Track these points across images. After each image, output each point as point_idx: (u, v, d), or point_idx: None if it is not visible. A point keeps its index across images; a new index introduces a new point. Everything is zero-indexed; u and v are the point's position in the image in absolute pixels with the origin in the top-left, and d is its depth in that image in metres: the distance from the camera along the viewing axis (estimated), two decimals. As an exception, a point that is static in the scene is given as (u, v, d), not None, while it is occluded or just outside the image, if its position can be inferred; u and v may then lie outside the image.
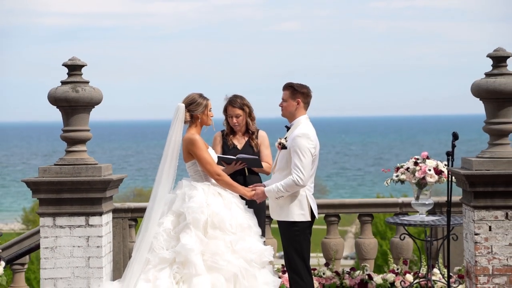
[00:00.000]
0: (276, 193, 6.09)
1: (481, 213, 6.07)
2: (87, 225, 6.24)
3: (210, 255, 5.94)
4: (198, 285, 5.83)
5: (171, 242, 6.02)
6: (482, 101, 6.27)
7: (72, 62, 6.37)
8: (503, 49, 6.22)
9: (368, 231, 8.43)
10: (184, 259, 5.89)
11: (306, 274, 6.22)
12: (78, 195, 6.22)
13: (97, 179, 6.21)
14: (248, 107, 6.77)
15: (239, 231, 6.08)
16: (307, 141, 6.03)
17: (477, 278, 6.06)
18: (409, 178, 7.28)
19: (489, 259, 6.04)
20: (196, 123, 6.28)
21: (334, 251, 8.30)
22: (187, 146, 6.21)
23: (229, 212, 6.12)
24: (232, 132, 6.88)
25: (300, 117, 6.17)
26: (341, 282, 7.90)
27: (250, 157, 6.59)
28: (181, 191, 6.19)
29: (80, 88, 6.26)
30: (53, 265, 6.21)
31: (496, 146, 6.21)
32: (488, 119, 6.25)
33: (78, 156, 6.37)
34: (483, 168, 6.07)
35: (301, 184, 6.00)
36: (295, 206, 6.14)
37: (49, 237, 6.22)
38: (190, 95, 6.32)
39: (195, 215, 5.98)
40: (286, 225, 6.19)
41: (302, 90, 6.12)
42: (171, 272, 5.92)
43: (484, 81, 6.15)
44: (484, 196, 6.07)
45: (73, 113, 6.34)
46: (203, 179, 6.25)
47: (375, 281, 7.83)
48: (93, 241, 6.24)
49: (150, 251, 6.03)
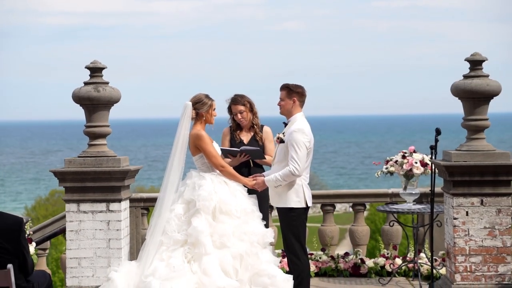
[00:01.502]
0: (275, 182, 6.81)
1: (459, 199, 6.79)
2: (107, 210, 6.98)
3: (218, 236, 6.64)
4: (207, 263, 6.54)
5: (182, 226, 6.73)
6: (460, 100, 6.99)
7: (93, 65, 7.11)
8: (479, 54, 6.94)
9: (361, 219, 9.17)
10: (195, 240, 6.59)
11: (302, 255, 6.93)
12: (100, 183, 6.96)
13: (117, 170, 6.96)
14: (249, 102, 7.44)
15: (243, 215, 6.79)
16: (303, 136, 6.75)
17: (455, 258, 6.78)
18: (398, 170, 8.01)
19: (466, 241, 6.76)
20: (201, 120, 6.98)
21: (329, 238, 9.04)
22: (194, 141, 6.92)
23: (234, 199, 6.83)
24: (238, 128, 7.56)
25: (296, 114, 6.88)
26: (336, 266, 8.62)
27: (253, 148, 7.28)
28: (191, 181, 6.90)
29: (101, 88, 7.01)
30: (78, 246, 6.95)
31: (472, 140, 6.93)
32: (466, 116, 6.97)
33: (99, 149, 7.12)
34: (461, 159, 6.79)
35: (297, 174, 6.72)
36: (292, 194, 6.85)
37: (74, 221, 6.96)
38: (197, 94, 7.03)
39: (204, 202, 6.69)
40: (284, 211, 6.91)
41: (297, 90, 6.85)
42: (183, 252, 6.63)
43: (462, 82, 6.88)
44: (461, 184, 6.79)
45: (94, 110, 7.09)
46: (210, 170, 6.97)
47: (367, 264, 8.55)
48: (113, 225, 6.99)
49: (163, 234, 6.74)
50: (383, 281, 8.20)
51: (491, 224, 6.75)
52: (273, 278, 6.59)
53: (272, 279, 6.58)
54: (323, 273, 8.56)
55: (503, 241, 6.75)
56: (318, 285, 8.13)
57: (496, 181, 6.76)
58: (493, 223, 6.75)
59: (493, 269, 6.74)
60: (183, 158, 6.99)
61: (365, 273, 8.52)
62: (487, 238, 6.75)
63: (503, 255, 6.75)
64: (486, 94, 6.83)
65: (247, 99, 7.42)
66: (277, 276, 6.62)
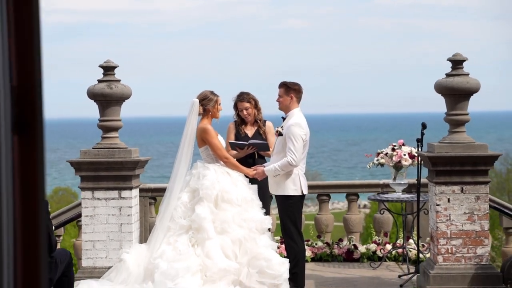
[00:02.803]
0: (274, 171, 7.44)
1: (441, 187, 7.40)
2: (119, 197, 7.62)
3: (219, 222, 7.27)
4: (209, 246, 7.17)
5: (188, 212, 7.36)
6: (443, 96, 7.61)
7: (107, 64, 7.75)
8: (460, 54, 7.56)
9: (354, 208, 9.79)
10: (198, 226, 7.22)
11: (298, 239, 7.55)
12: (113, 173, 7.60)
13: (128, 160, 7.61)
14: (254, 99, 8.05)
15: (244, 204, 7.42)
16: (299, 129, 7.38)
17: (438, 241, 7.39)
18: (388, 161, 8.62)
19: (447, 225, 7.38)
20: (207, 115, 7.62)
21: (325, 225, 9.66)
22: (201, 134, 7.56)
23: (236, 188, 7.46)
24: (243, 123, 8.16)
25: (293, 109, 7.51)
26: (331, 251, 9.24)
27: (260, 142, 7.89)
28: (196, 171, 7.53)
29: (114, 85, 7.65)
30: (92, 230, 7.59)
31: (454, 134, 7.55)
32: (448, 111, 7.59)
33: (112, 141, 7.76)
34: (443, 151, 7.41)
35: (294, 164, 7.34)
36: (290, 183, 7.47)
37: (88, 207, 7.60)
38: (203, 92, 7.66)
39: (207, 191, 7.32)
40: (282, 198, 7.53)
41: (295, 87, 7.48)
42: (188, 236, 7.26)
43: (444, 80, 7.50)
44: (443, 174, 7.40)
45: (107, 106, 7.72)
46: (214, 161, 7.60)
47: (360, 250, 9.18)
48: (124, 211, 7.63)
49: (171, 220, 7.37)
50: (374, 265, 8.81)
51: (471, 210, 7.36)
52: (269, 261, 7.18)
53: (268, 262, 7.18)
54: (318, 258, 9.17)
55: (481, 225, 7.36)
56: (314, 269, 8.73)
57: (475, 171, 7.37)
58: (472, 209, 7.36)
59: (472, 251, 7.35)
60: (190, 151, 7.62)
61: (358, 258, 9.13)
62: (467, 223, 7.36)
63: (481, 238, 7.36)
64: (467, 91, 7.45)
65: (252, 97, 8.02)
66: (273, 260, 7.22)
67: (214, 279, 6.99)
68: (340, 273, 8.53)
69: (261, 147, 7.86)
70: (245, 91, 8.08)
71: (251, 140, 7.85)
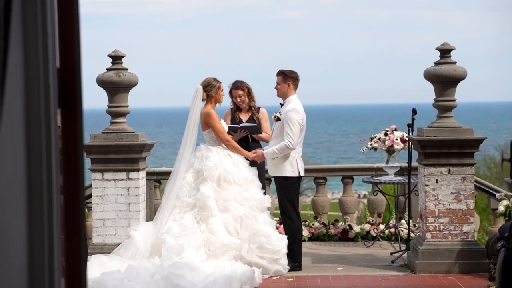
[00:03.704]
0: (272, 154, 7.92)
1: (430, 169, 7.88)
2: (127, 178, 8.11)
3: (222, 201, 7.76)
4: (213, 223, 7.66)
5: (192, 191, 7.85)
6: (432, 83, 8.07)
7: (115, 53, 8.22)
8: (447, 44, 8.02)
9: (350, 190, 10.28)
10: (202, 204, 7.72)
11: (296, 217, 8.04)
12: (121, 155, 8.09)
13: (135, 143, 8.09)
14: (248, 88, 8.48)
15: (244, 184, 7.91)
16: (296, 115, 7.86)
17: (426, 219, 7.87)
18: (381, 146, 9.09)
19: (435, 204, 7.86)
20: (211, 100, 8.10)
21: (321, 207, 10.15)
22: (205, 118, 8.04)
23: (237, 169, 7.95)
24: (238, 109, 8.64)
25: (291, 96, 7.99)
26: (327, 231, 9.72)
27: (251, 124, 8.37)
28: (200, 153, 8.02)
29: (122, 73, 8.12)
30: (102, 209, 8.08)
31: (442, 119, 8.02)
32: (436, 97, 8.06)
33: (120, 126, 8.24)
34: (432, 135, 7.88)
35: (291, 147, 7.82)
36: (287, 165, 7.96)
37: (98, 188, 8.09)
38: (207, 79, 8.14)
39: (210, 171, 7.81)
40: (280, 179, 8.02)
41: (292, 75, 7.96)
42: (193, 213, 7.76)
43: (433, 68, 7.97)
44: (432, 156, 7.87)
45: (116, 93, 8.20)
46: (217, 144, 8.08)
47: (354, 230, 9.66)
48: (132, 191, 8.12)
49: (177, 198, 7.86)
50: (368, 243, 9.31)
51: (457, 190, 7.84)
52: (268, 237, 7.69)
53: (268, 238, 7.68)
54: (315, 238, 9.65)
55: (467, 204, 7.84)
56: (311, 248, 9.21)
57: (461, 153, 7.84)
58: (459, 189, 7.84)
59: (459, 228, 7.83)
60: (195, 135, 8.11)
61: (353, 238, 9.61)
62: (454, 202, 7.83)
63: (467, 216, 7.84)
64: (454, 79, 7.91)
65: (246, 85, 8.48)
66: (272, 236, 7.73)
67: (217, 254, 7.49)
68: (335, 251, 9.02)
69: (252, 130, 8.31)
70: (239, 79, 8.54)
71: (242, 124, 8.31)
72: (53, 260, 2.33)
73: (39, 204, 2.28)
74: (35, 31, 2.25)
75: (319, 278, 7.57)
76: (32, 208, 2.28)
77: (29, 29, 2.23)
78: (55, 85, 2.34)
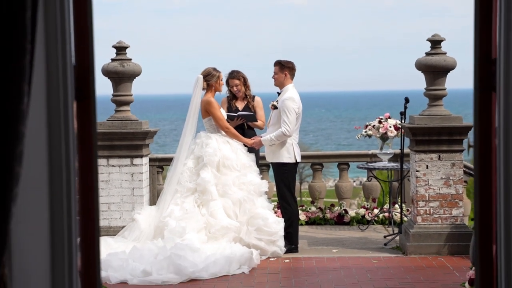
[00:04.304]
0: (270, 141, 8.28)
1: (420, 155, 8.23)
2: (131, 164, 8.48)
3: (221, 186, 8.13)
4: (213, 207, 8.03)
5: (193, 177, 8.22)
6: (423, 73, 8.41)
7: (119, 44, 8.57)
8: (438, 35, 8.36)
9: (345, 176, 10.64)
10: (203, 189, 8.08)
11: (292, 201, 8.41)
12: (125, 142, 8.45)
13: (139, 131, 8.45)
14: (244, 77, 8.76)
15: (242, 169, 8.27)
16: (293, 103, 8.21)
17: (417, 203, 8.23)
18: (375, 133, 9.44)
19: (426, 189, 8.21)
20: (211, 89, 8.45)
21: (318, 192, 10.52)
22: (205, 106, 8.39)
23: (235, 155, 8.31)
24: (234, 98, 8.97)
25: (287, 85, 8.34)
26: (324, 215, 10.08)
27: (247, 113, 8.70)
28: (200, 140, 8.38)
29: (126, 63, 8.47)
30: (107, 193, 8.45)
31: (432, 107, 8.36)
32: (427, 87, 8.39)
33: (124, 114, 8.60)
34: (422, 123, 8.22)
35: (287, 134, 8.18)
36: (284, 151, 8.32)
37: (104, 173, 8.46)
38: (207, 68, 8.49)
39: (210, 157, 8.17)
40: (278, 165, 8.39)
41: (288, 65, 8.31)
42: (194, 198, 8.12)
43: (424, 59, 8.30)
44: (422, 143, 8.22)
45: (120, 82, 8.55)
46: (216, 131, 8.43)
47: (350, 214, 10.03)
48: (136, 177, 8.49)
49: (178, 184, 8.22)
50: (362, 227, 9.67)
51: (447, 175, 8.19)
52: (266, 220, 8.05)
53: (265, 221, 8.05)
54: (312, 222, 10.01)
55: (456, 189, 8.19)
56: (307, 231, 9.57)
57: (451, 140, 8.19)
58: (448, 174, 8.19)
59: (448, 212, 8.19)
60: (195, 122, 8.47)
61: (348, 222, 9.97)
62: (443, 187, 8.19)
63: (456, 200, 8.20)
64: (444, 68, 8.25)
65: (242, 75, 8.81)
66: (269, 219, 8.10)
67: (217, 236, 7.86)
68: (331, 235, 9.38)
69: (248, 118, 8.65)
70: (236, 69, 8.87)
71: (239, 112, 8.66)
72: (71, 237, 2.68)
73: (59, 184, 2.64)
74: (54, 34, 2.60)
75: (314, 260, 7.94)
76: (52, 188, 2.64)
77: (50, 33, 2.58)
78: (72, 81, 2.69)
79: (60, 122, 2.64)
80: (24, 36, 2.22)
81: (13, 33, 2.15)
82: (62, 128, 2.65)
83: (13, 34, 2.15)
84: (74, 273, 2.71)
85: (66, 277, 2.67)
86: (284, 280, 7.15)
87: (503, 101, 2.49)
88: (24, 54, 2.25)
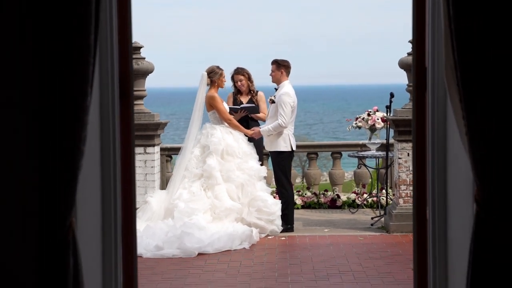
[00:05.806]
0: (268, 132, 9.26)
1: (402, 144, 9.18)
2: (145, 153, 9.45)
3: (225, 171, 9.09)
4: (218, 190, 8.98)
5: (199, 164, 9.18)
6: (405, 71, 9.37)
7: (134, 45, 9.52)
8: (418, 37, 9.32)
9: (338, 164, 11.61)
10: (209, 174, 9.03)
11: (289, 187, 9.38)
12: (139, 133, 9.40)
13: (152, 122, 9.43)
14: (248, 73, 9.67)
15: (244, 156, 9.23)
16: (288, 98, 9.18)
17: (399, 187, 9.20)
18: (364, 125, 10.40)
19: (407, 174, 9.15)
20: (214, 85, 9.41)
21: (313, 179, 11.49)
22: (209, 101, 9.36)
23: (237, 144, 9.27)
24: (239, 93, 9.93)
25: (284, 81, 9.31)
26: (318, 200, 11.04)
27: (249, 105, 9.65)
28: (205, 131, 9.34)
29: (140, 62, 9.44)
30: (123, 179, 9.43)
31: (413, 101, 9.32)
32: (409, 83, 9.35)
33: (138, 107, 9.57)
34: (404, 115, 9.16)
35: (283, 125, 9.14)
36: (281, 141, 9.29)
37: (120, 161, 9.44)
38: (210, 66, 9.46)
39: (215, 146, 9.13)
40: (275, 154, 9.36)
41: (284, 63, 9.29)
42: (200, 182, 9.09)
43: (405, 58, 9.25)
44: (404, 133, 9.14)
45: (135, 79, 9.52)
46: (220, 123, 9.40)
47: (342, 199, 10.99)
48: (148, 163, 9.47)
49: (186, 170, 9.18)
50: (353, 210, 10.63)
51: (426, 162, 9.15)
52: (265, 202, 9.01)
53: (265, 202, 9.00)
54: (307, 206, 10.92)
55: (434, 174, 9.15)
56: (303, 214, 10.50)
57: (429, 131, 9.15)
58: (427, 161, 9.15)
59: (427, 195, 9.15)
60: (201, 115, 9.44)
61: (340, 206, 10.93)
62: (423, 173, 9.15)
63: (434, 185, 9.16)
64: (424, 67, 9.21)
65: (246, 71, 9.77)
66: (268, 200, 9.07)
67: (221, 217, 8.82)
68: (324, 217, 10.34)
69: (251, 110, 9.60)
70: (240, 66, 9.83)
71: (242, 105, 9.61)
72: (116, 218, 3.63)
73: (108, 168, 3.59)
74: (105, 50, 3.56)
75: (308, 237, 8.92)
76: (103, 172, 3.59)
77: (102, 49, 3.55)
78: (117, 83, 3.66)
79: (109, 115, 3.61)
80: (89, 53, 3.18)
81: (84, 53, 3.10)
82: (110, 118, 3.62)
83: (84, 53, 3.10)
84: (118, 228, 3.68)
85: (112, 231, 3.63)
86: (280, 254, 8.14)
87: (431, 97, 3.48)
88: (89, 66, 3.20)
